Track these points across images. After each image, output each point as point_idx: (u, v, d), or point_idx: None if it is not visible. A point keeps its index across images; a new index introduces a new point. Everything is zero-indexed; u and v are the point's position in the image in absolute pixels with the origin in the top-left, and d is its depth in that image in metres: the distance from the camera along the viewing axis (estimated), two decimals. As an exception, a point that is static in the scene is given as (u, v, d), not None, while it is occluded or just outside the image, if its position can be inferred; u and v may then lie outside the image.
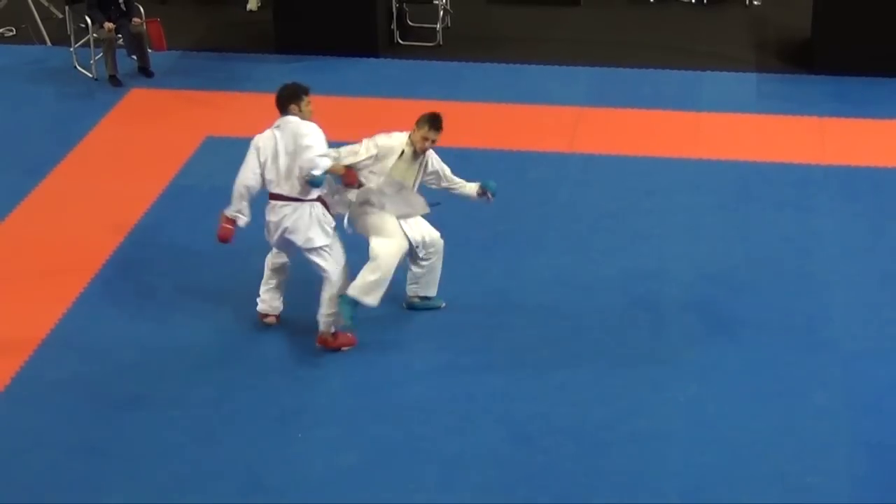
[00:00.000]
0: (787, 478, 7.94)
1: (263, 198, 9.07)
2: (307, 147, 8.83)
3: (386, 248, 9.00)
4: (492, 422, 8.46)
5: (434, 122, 9.12)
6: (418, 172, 9.26)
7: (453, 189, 9.47)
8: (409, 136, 9.16)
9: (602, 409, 8.56)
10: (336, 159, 9.08)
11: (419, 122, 9.10)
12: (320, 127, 9.07)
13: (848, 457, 8.11)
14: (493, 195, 9.41)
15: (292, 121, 8.98)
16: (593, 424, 8.41)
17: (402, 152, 9.17)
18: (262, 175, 8.95)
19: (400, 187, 9.15)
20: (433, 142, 9.18)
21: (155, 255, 10.30)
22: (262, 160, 8.96)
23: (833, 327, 9.37)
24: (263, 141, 9.01)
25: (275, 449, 8.23)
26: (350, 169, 9.11)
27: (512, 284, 9.90)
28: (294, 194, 8.90)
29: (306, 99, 9.10)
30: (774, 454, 8.14)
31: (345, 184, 9.15)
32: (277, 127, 9.01)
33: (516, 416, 8.50)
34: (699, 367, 8.95)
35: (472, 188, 9.43)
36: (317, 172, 8.79)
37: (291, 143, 8.89)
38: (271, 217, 8.96)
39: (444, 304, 9.56)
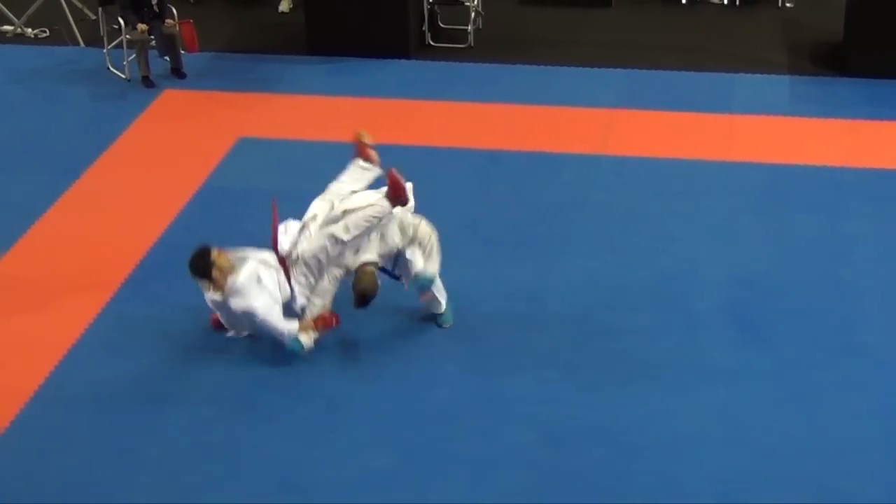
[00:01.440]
0: (819, 481, 7.91)
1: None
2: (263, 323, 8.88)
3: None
4: (521, 424, 8.45)
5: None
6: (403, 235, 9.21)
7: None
8: None
9: (632, 411, 8.54)
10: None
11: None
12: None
13: (881, 461, 8.07)
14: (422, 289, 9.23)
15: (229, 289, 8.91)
16: (623, 427, 8.40)
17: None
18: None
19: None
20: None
21: (188, 256, 10.31)
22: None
23: (866, 331, 9.32)
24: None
25: (305, 449, 8.25)
26: (322, 316, 8.99)
27: (542, 286, 9.90)
28: None
29: (215, 263, 8.92)
30: (806, 458, 8.11)
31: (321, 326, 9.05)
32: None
33: (546, 419, 8.49)
34: (730, 370, 8.92)
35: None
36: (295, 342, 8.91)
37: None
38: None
39: (450, 324, 9.46)
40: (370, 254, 9.04)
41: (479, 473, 8.04)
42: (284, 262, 9.03)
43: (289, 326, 8.90)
